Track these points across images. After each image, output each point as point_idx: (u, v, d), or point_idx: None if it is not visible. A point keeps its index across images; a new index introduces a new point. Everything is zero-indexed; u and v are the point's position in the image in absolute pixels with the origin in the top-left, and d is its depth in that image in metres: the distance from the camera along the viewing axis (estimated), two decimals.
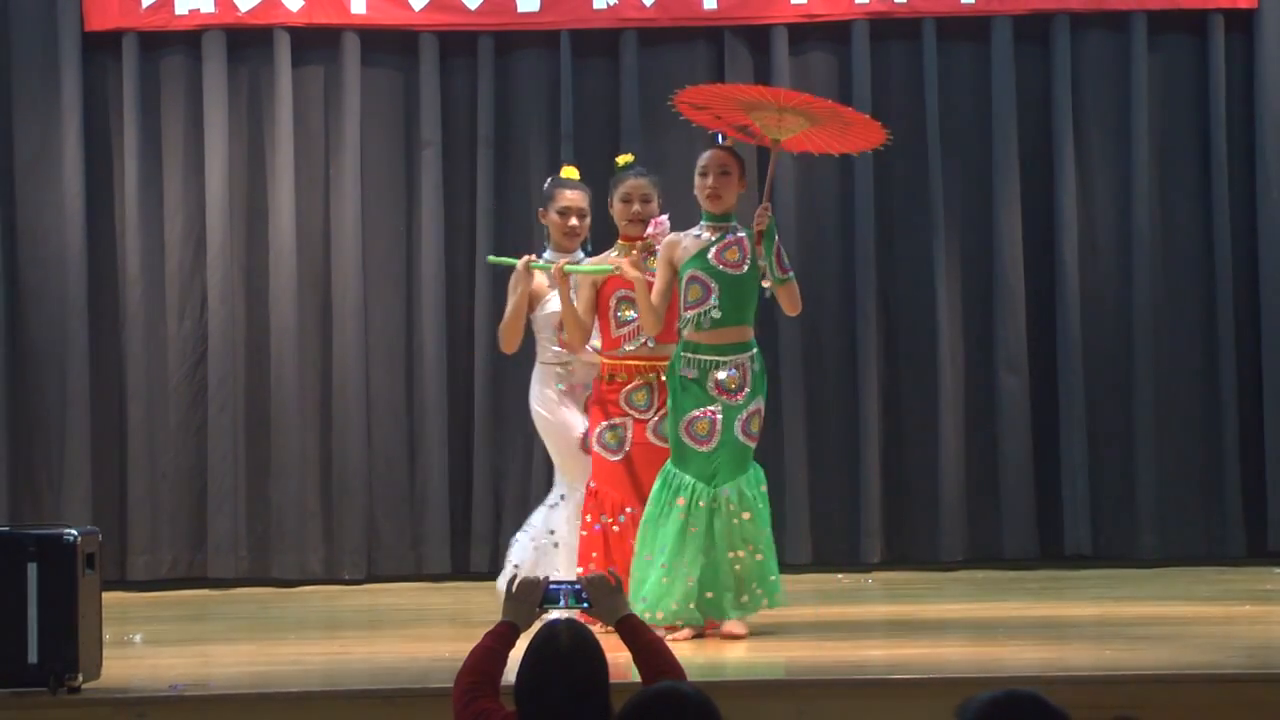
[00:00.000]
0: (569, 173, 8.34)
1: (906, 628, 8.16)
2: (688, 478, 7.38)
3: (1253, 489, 10.35)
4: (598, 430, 7.84)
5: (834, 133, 7.89)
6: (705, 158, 7.63)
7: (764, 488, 7.52)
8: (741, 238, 7.54)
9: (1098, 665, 6.61)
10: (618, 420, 7.80)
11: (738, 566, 7.36)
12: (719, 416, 7.41)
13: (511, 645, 4.71)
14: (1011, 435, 10.34)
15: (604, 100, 10.50)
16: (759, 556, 7.40)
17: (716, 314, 7.44)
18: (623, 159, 8.22)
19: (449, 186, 10.45)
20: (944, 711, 4.15)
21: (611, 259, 7.95)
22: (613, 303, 7.90)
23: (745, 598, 7.41)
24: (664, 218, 7.89)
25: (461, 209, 10.48)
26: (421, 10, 10.40)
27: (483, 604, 7.79)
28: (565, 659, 4.29)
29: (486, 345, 10.34)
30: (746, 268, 7.50)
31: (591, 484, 7.81)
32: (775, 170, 7.86)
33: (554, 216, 8.21)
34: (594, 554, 7.69)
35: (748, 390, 7.47)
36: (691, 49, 10.53)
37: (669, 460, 7.47)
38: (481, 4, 10.41)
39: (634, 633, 4.78)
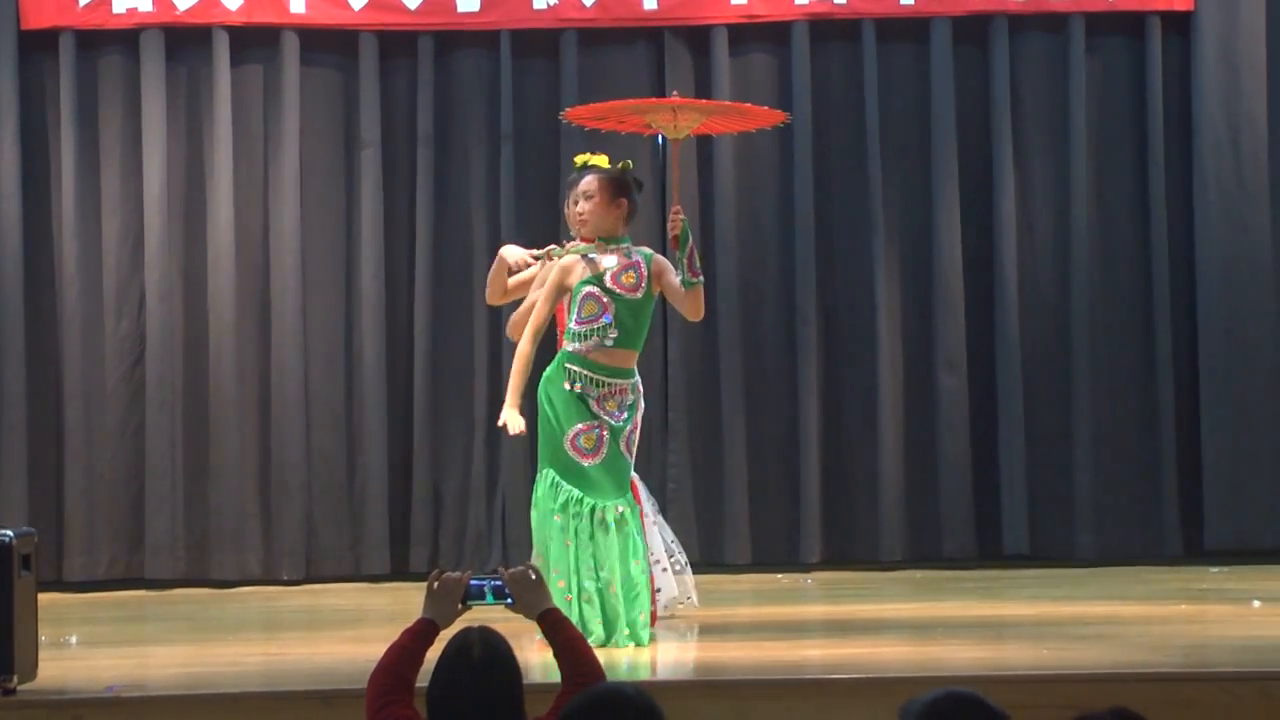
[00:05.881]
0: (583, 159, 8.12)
1: (845, 628, 8.18)
2: (575, 490, 7.26)
3: (1189, 489, 10.41)
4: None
5: (732, 119, 8.05)
6: (572, 183, 7.56)
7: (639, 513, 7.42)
8: (638, 261, 7.42)
9: (1036, 665, 6.64)
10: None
11: (614, 588, 7.23)
12: (605, 433, 7.31)
13: (430, 643, 4.69)
14: (950, 435, 10.38)
15: (544, 100, 10.49)
16: (613, 589, 7.22)
17: (614, 333, 7.32)
18: (580, 159, 7.96)
19: (388, 186, 10.43)
20: (883, 711, 4.15)
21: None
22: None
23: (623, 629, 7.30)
24: None
25: (401, 208, 10.46)
26: (361, 10, 10.38)
27: (421, 605, 7.78)
28: (478, 670, 4.28)
29: (426, 345, 10.33)
30: (641, 293, 7.40)
31: None
32: (679, 171, 7.77)
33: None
34: None
35: (626, 413, 7.39)
36: (631, 50, 10.54)
37: (549, 470, 7.31)
38: (421, 4, 10.39)
39: (555, 628, 4.77)
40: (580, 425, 7.30)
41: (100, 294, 10.29)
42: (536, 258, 7.91)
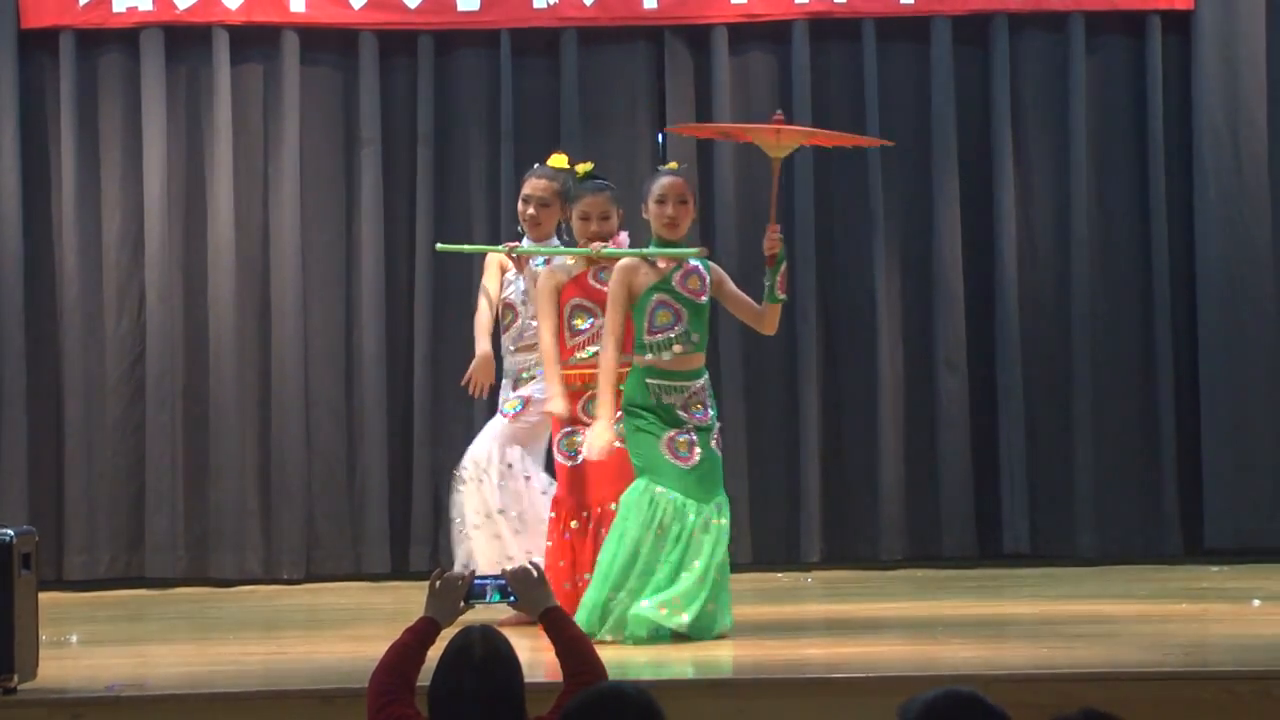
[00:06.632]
0: (554, 160, 8.24)
1: (846, 626, 8.18)
2: (677, 495, 7.29)
3: (1189, 488, 10.41)
4: (557, 438, 7.80)
5: (834, 139, 8.45)
6: (664, 185, 7.49)
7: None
8: (697, 266, 7.50)
9: (1036, 664, 6.63)
10: (572, 427, 7.77)
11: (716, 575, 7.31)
12: (695, 436, 7.38)
13: (431, 642, 4.70)
14: (950, 434, 10.38)
15: (544, 99, 10.50)
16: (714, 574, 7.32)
17: (693, 337, 7.40)
18: (582, 168, 8.06)
19: (388, 185, 10.43)
20: (883, 710, 4.16)
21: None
22: (567, 311, 7.85)
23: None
24: (624, 235, 7.82)
25: (401, 208, 10.46)
26: (361, 9, 10.38)
27: (422, 603, 7.82)
28: (479, 668, 4.28)
29: (426, 343, 10.33)
30: (706, 298, 7.49)
31: (558, 494, 7.80)
32: (779, 190, 7.71)
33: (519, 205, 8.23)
34: (561, 563, 7.69)
35: (711, 410, 7.48)
36: (631, 49, 10.54)
37: (645, 478, 7.32)
38: (421, 3, 10.39)
39: (557, 627, 4.77)
40: (673, 431, 7.35)
41: (100, 292, 10.29)
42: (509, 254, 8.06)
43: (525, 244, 8.11)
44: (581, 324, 7.83)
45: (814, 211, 10.42)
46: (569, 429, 7.77)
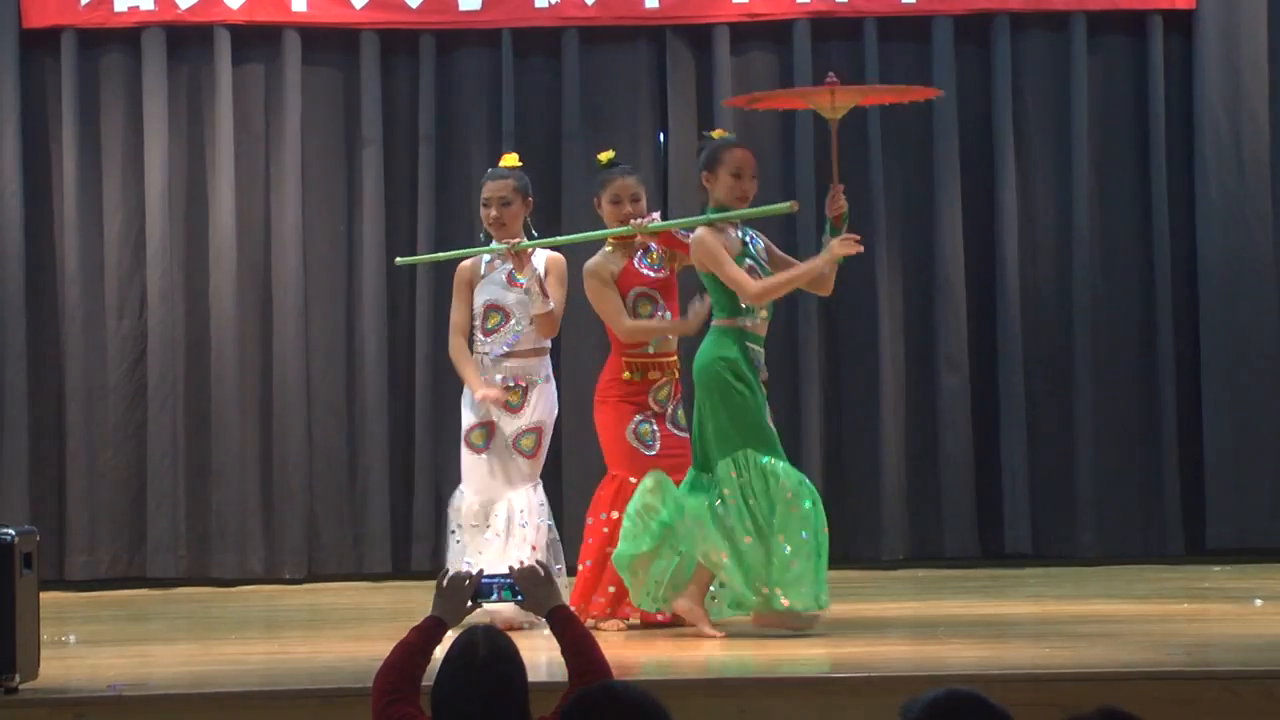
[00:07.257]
0: (506, 160, 8.28)
1: (847, 626, 8.16)
2: (785, 463, 7.37)
3: (1191, 488, 10.41)
4: (633, 424, 7.77)
5: (886, 95, 8.63)
6: (739, 158, 7.52)
7: None
8: (754, 234, 7.59)
9: (1037, 664, 6.63)
10: (647, 416, 7.78)
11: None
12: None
13: (437, 642, 4.70)
14: (952, 434, 10.38)
15: (545, 99, 10.50)
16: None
17: (771, 306, 7.50)
18: (605, 156, 8.09)
19: (390, 185, 10.43)
20: (884, 710, 4.15)
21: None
22: (630, 302, 7.83)
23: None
24: (656, 215, 7.83)
25: (402, 207, 10.46)
26: (363, 8, 10.38)
27: (424, 603, 7.82)
28: (483, 668, 4.28)
29: (428, 343, 10.32)
30: (768, 263, 7.56)
31: (631, 480, 7.73)
32: (838, 151, 7.76)
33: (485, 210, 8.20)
34: (589, 541, 7.76)
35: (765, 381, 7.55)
36: (633, 48, 10.54)
37: (759, 450, 7.31)
38: (423, 2, 10.39)
39: (564, 625, 4.78)
40: (764, 401, 7.40)
41: (102, 293, 10.29)
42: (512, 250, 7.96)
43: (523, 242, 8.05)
44: (646, 312, 7.82)
45: (815, 209, 10.39)
46: (640, 418, 7.75)
